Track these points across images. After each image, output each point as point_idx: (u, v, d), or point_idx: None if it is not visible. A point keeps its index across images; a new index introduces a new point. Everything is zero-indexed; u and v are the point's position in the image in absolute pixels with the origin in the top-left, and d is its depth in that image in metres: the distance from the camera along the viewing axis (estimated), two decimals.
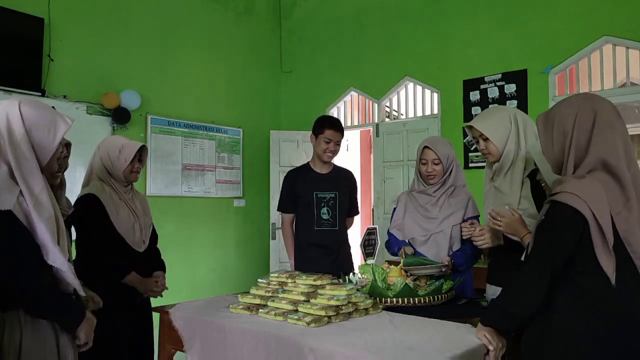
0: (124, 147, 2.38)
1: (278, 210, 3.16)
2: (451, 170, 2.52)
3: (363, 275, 2.31)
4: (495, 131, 2.04)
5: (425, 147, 2.52)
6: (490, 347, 1.57)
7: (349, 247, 3.17)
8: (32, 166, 1.58)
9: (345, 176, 3.17)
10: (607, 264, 1.39)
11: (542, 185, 1.79)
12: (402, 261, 2.37)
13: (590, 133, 1.45)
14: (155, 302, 2.50)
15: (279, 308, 1.95)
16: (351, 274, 2.46)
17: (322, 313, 1.81)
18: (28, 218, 1.53)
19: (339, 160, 3.33)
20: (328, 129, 2.97)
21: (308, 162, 3.16)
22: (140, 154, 2.45)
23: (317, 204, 3.01)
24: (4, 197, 1.49)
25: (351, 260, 3.17)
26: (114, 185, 2.37)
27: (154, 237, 2.59)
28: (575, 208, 1.38)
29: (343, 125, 3.12)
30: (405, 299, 2.07)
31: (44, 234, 1.55)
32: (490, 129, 2.04)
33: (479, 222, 2.49)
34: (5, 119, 1.58)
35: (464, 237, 2.27)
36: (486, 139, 2.06)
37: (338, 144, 3.02)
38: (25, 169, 1.56)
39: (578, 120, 1.47)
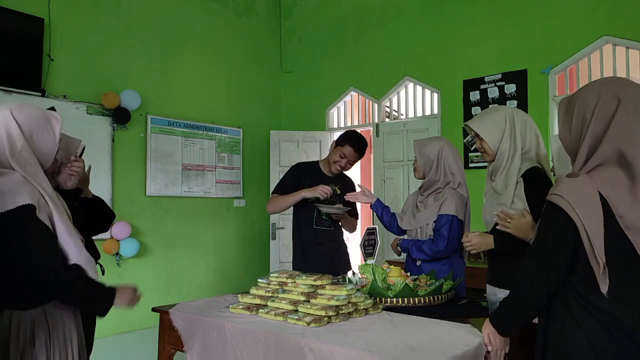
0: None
1: (274, 192, 3.11)
2: (434, 168, 2.56)
3: (363, 275, 2.31)
4: (489, 131, 2.09)
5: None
6: (489, 348, 1.57)
7: (345, 246, 3.21)
8: (38, 170, 1.61)
9: (346, 180, 3.22)
10: (595, 270, 1.30)
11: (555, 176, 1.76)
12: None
13: (610, 122, 1.34)
14: (155, 301, 2.51)
15: (279, 308, 1.95)
16: (351, 274, 2.47)
17: (322, 313, 1.81)
18: (50, 217, 1.57)
19: None
20: (349, 146, 2.97)
21: (317, 161, 3.19)
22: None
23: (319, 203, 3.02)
24: (24, 195, 1.52)
25: (349, 258, 3.20)
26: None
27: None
28: (565, 211, 1.32)
29: (362, 145, 3.04)
30: (405, 299, 2.07)
31: (65, 232, 1.59)
32: (483, 128, 2.10)
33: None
34: (4, 129, 1.58)
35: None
36: (482, 138, 2.12)
37: (352, 163, 3.05)
38: (33, 173, 1.59)
39: (599, 107, 1.36)
